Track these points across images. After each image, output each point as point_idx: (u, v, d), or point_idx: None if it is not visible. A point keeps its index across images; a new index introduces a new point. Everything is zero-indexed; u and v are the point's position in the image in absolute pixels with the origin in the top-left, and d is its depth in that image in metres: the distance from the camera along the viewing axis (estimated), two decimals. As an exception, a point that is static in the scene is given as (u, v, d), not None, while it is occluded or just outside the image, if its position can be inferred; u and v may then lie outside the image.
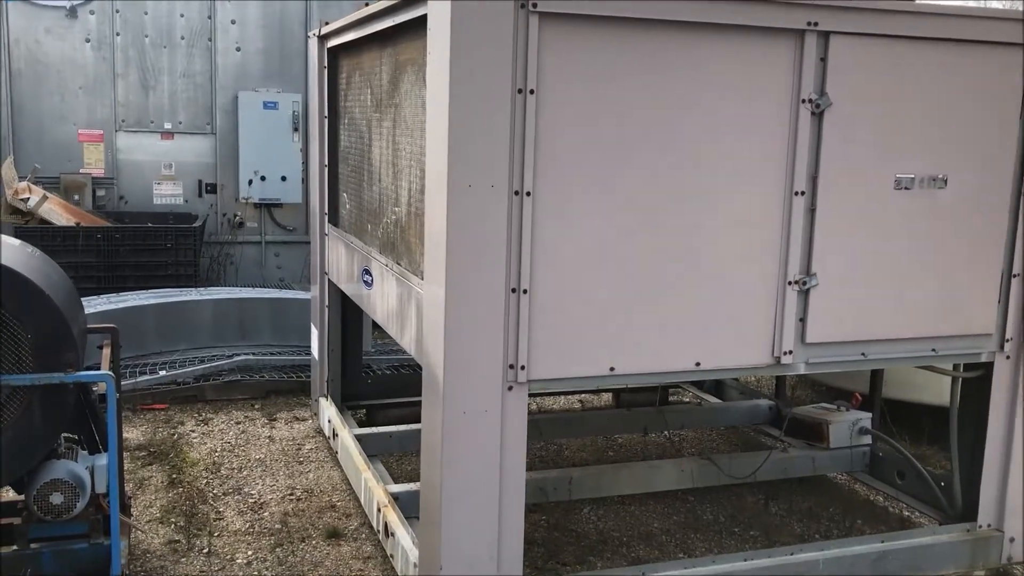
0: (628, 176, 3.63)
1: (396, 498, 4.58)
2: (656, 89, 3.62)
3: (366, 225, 5.15)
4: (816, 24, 3.74)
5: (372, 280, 4.83)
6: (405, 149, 4.33)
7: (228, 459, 5.81)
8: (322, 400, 6.13)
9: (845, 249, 3.97)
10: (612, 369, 3.75)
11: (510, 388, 3.60)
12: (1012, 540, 4.47)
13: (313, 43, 5.92)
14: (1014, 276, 4.25)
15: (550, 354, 3.63)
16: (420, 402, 6.57)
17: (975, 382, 4.43)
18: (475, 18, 3.32)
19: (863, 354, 4.12)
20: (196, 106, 9.81)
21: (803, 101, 3.80)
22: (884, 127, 3.94)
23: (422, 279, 3.95)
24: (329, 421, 5.83)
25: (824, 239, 3.93)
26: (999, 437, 4.39)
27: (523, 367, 3.59)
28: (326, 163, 5.89)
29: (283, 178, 10.02)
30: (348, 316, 6.19)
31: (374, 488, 4.71)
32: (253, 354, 7.12)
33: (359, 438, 5.37)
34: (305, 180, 10.20)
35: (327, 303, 6.04)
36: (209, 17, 9.72)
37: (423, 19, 3.87)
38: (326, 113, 5.84)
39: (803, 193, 3.87)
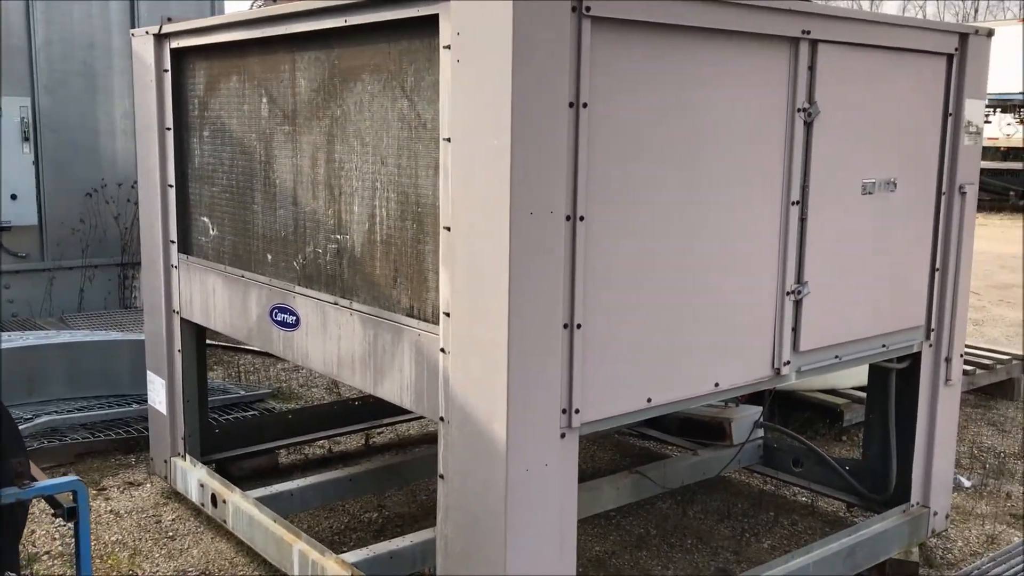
0: (662, 193, 3.40)
1: (356, 567, 3.99)
2: (683, 100, 3.41)
3: (264, 255, 4.43)
4: (809, 32, 3.72)
5: (298, 319, 4.16)
6: (359, 168, 3.76)
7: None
8: (178, 461, 5.23)
9: (826, 255, 4.01)
10: (649, 401, 3.50)
11: (563, 436, 3.23)
12: (935, 514, 4.80)
13: (145, 42, 4.99)
14: (936, 270, 4.53)
15: (598, 393, 3.31)
16: (274, 449, 5.97)
17: (902, 372, 4.68)
18: (535, 21, 2.91)
19: (837, 356, 4.20)
20: None
21: (798, 110, 3.77)
22: (855, 134, 4.02)
23: (425, 319, 3.46)
24: (202, 485, 4.98)
25: (813, 247, 3.94)
26: (925, 421, 4.68)
27: (577, 410, 3.24)
28: (171, 183, 5.01)
29: (13, 196, 8.55)
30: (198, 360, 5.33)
31: (322, 561, 4.07)
32: (56, 412, 5.94)
33: (263, 501, 4.63)
34: (40, 198, 8.78)
35: (178, 347, 5.16)
36: (-97, 5, 8.01)
37: (407, 22, 3.38)
38: (169, 125, 4.96)
39: (799, 203, 3.85)
